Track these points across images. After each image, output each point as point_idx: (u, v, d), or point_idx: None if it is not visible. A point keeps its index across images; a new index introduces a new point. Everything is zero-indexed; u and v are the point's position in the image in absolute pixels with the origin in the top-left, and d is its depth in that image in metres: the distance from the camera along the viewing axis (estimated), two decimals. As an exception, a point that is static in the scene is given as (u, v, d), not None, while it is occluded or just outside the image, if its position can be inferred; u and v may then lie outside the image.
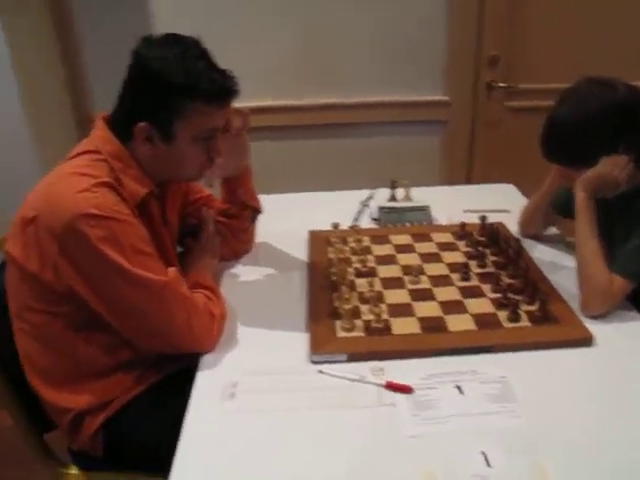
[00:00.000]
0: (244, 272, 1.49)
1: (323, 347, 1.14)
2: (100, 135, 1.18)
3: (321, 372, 1.10)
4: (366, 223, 1.72)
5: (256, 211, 1.51)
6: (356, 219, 1.75)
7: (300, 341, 1.18)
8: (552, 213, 1.55)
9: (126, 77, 1.17)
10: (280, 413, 1.01)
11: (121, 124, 1.17)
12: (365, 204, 1.85)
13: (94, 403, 1.20)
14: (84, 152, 1.16)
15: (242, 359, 1.15)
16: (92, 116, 2.56)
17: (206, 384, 1.09)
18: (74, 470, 1.35)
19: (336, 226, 1.58)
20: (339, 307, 1.25)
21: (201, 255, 1.39)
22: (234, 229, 1.49)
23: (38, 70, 2.34)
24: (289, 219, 1.70)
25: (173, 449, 0.96)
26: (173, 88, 1.11)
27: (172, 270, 1.14)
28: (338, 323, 1.21)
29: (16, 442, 1.38)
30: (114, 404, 1.21)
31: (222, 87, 1.15)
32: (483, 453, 0.91)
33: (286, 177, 2.35)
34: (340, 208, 1.76)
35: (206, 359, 1.15)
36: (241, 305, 1.32)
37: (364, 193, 1.92)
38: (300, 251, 1.55)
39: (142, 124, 1.13)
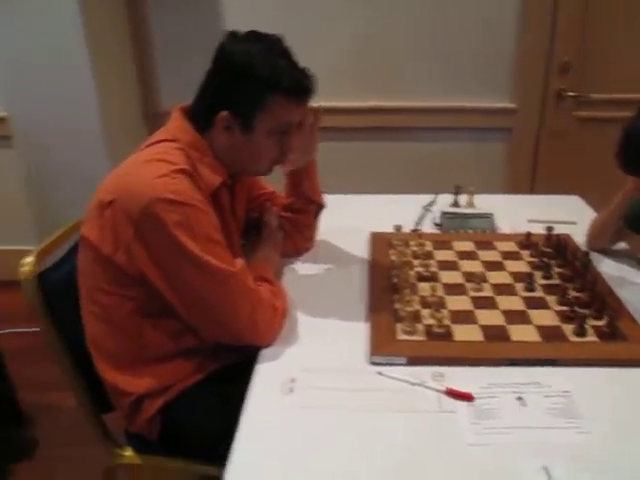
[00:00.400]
0: (304, 268, 1.49)
1: (383, 349, 1.14)
2: (178, 125, 1.22)
3: (380, 374, 1.09)
4: (428, 228, 1.70)
5: (320, 206, 1.52)
6: (418, 223, 1.74)
7: (359, 341, 1.18)
8: (623, 228, 1.51)
9: (210, 69, 1.22)
10: (338, 411, 1.01)
11: (201, 113, 1.21)
12: (427, 209, 1.83)
13: (154, 387, 1.23)
14: (161, 140, 1.19)
15: (301, 355, 1.15)
16: (159, 111, 2.67)
17: (265, 377, 1.09)
18: (129, 452, 1.39)
19: (398, 229, 1.57)
20: (400, 310, 1.24)
21: (264, 249, 1.40)
22: (297, 224, 1.50)
23: (111, 63, 2.41)
24: (350, 219, 1.70)
25: (227, 439, 0.97)
26: (257, 80, 1.15)
27: (240, 261, 1.16)
28: (399, 326, 1.20)
29: (78, 422, 1.43)
30: (173, 390, 1.23)
31: (302, 84, 1.19)
32: (545, 469, 0.88)
33: (349, 178, 2.36)
34: (402, 211, 1.75)
35: (266, 352, 1.16)
36: (301, 301, 1.32)
37: (426, 198, 1.90)
38: (361, 251, 1.55)
39: (224, 113, 1.17)
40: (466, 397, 1.02)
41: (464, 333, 1.19)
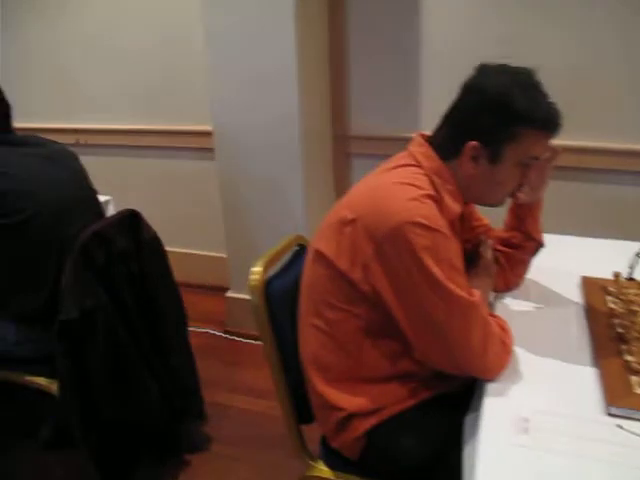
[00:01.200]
0: (516, 304, 1.45)
1: (620, 401, 1.07)
2: (422, 151, 1.24)
3: (620, 427, 1.02)
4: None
5: (539, 244, 1.47)
6: (630, 271, 1.63)
7: (589, 388, 1.12)
8: None
9: (458, 99, 1.23)
10: (576, 460, 0.96)
11: (446, 142, 1.23)
12: (640, 256, 1.72)
13: (366, 407, 1.24)
14: (405, 165, 1.22)
15: (531, 395, 1.11)
16: (348, 134, 2.74)
17: (494, 413, 1.06)
18: (322, 466, 1.41)
19: (617, 275, 1.48)
20: (632, 362, 1.16)
21: (479, 282, 1.38)
22: (512, 260, 1.47)
23: (312, 83, 2.50)
24: (559, 260, 1.63)
25: (432, 470, 0.95)
26: (513, 112, 1.15)
27: (477, 292, 1.15)
28: (634, 379, 1.13)
29: (278, 430, 1.48)
30: (384, 412, 1.24)
31: (555, 118, 1.17)
32: None
33: (558, 218, 2.27)
34: (612, 256, 1.65)
35: (493, 387, 1.13)
36: (518, 338, 1.28)
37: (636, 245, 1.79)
38: (571, 294, 1.48)
39: (473, 143, 1.18)
40: None
41: None
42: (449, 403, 1.26)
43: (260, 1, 2.29)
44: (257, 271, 1.32)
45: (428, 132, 1.29)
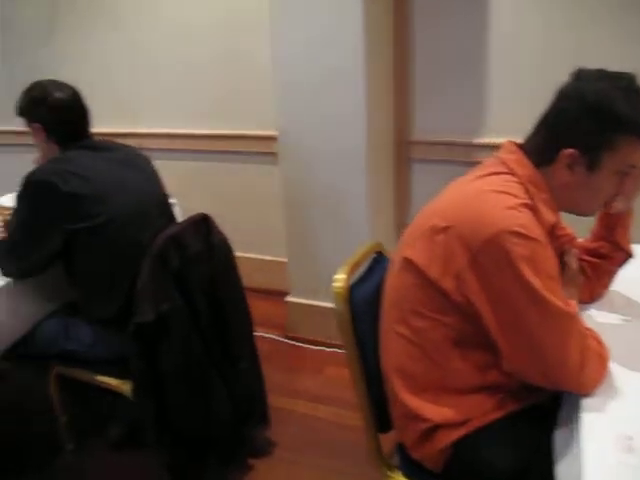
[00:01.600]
0: (601, 316, 1.40)
1: None
2: (515, 159, 1.21)
3: None
4: None
5: (628, 255, 1.43)
6: None
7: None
8: None
9: (553, 105, 1.21)
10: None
11: (540, 149, 1.21)
12: None
13: (453, 419, 1.21)
14: (498, 172, 1.19)
15: (630, 410, 1.07)
16: (410, 139, 2.72)
17: (594, 429, 1.03)
18: (400, 476, 1.39)
19: None
20: None
21: (566, 292, 1.35)
22: (599, 270, 1.44)
23: (378, 87, 2.49)
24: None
25: None
26: (613, 119, 1.12)
27: (574, 303, 1.12)
28: None
29: (341, 436, 1.46)
30: (470, 424, 1.21)
31: None
32: None
33: None
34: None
35: (590, 403, 1.09)
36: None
37: None
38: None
39: (570, 150, 1.15)
40: None
41: None
42: (537, 415, 1.23)
43: (328, 5, 2.29)
44: (341, 278, 1.31)
45: (499, 139, 1.27)
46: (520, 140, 1.27)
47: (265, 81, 2.72)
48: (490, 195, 1.13)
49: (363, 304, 1.36)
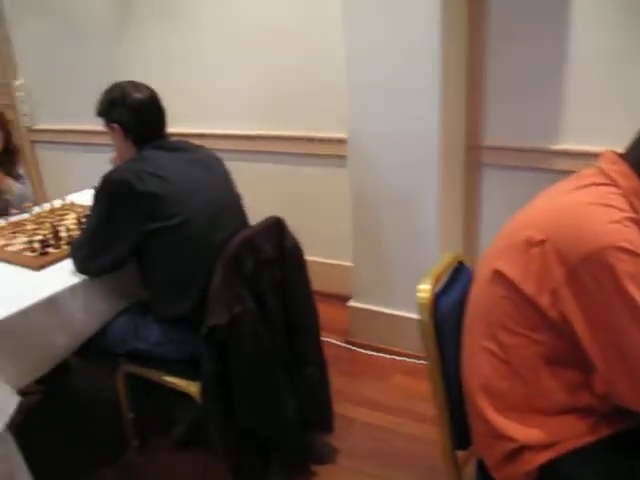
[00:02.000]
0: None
1: None
2: (618, 169, 1.15)
3: None
4: None
5: None
6: None
7: None
8: None
9: None
10: None
11: None
12: None
13: (541, 440, 1.16)
14: (599, 184, 1.13)
15: None
16: (482, 144, 2.65)
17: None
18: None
19: None
20: None
21: None
22: None
23: (451, 91, 2.43)
24: None
25: None
26: None
27: None
28: None
29: (403, 446, 1.41)
30: (559, 447, 1.16)
31: None
32: None
33: None
34: None
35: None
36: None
37: None
38: None
39: None
40: None
41: None
42: (631, 441, 1.16)
43: (404, 10, 2.25)
44: (426, 289, 1.28)
45: (578, 146, 1.20)
46: (620, 149, 1.20)
47: (336, 84, 2.70)
48: (592, 208, 1.07)
49: (446, 315, 1.32)
